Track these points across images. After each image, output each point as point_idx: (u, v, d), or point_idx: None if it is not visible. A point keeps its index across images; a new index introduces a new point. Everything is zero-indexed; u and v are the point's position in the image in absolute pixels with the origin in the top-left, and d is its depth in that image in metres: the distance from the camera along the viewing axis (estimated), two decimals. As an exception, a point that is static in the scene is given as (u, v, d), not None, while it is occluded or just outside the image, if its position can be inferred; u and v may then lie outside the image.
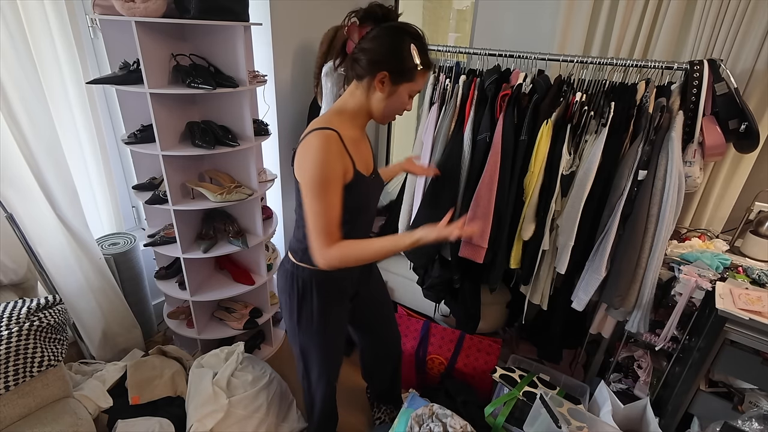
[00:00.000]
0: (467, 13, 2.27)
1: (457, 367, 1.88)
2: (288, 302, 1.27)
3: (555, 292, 1.69)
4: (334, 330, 1.32)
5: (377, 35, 1.04)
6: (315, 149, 1.01)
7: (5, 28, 1.42)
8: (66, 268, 1.74)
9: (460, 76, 1.71)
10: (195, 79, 1.49)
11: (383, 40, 1.04)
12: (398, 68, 1.04)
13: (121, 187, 2.13)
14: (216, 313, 2.06)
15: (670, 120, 1.40)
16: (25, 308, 1.27)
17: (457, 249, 1.76)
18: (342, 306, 1.32)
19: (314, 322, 1.26)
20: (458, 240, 1.73)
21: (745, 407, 1.39)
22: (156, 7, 1.36)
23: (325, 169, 1.01)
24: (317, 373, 1.38)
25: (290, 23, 2.01)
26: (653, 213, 1.40)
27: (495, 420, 1.57)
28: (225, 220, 1.88)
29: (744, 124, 1.39)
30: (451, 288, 1.95)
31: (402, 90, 1.07)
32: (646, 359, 1.69)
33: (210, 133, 1.62)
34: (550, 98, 1.55)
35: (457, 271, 1.84)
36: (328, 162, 1.01)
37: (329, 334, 1.31)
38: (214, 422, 1.49)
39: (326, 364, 1.37)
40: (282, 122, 2.15)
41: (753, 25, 1.53)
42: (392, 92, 1.07)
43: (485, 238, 1.66)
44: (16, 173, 1.54)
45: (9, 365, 1.20)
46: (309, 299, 1.23)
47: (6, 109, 1.46)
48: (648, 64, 1.46)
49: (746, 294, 1.34)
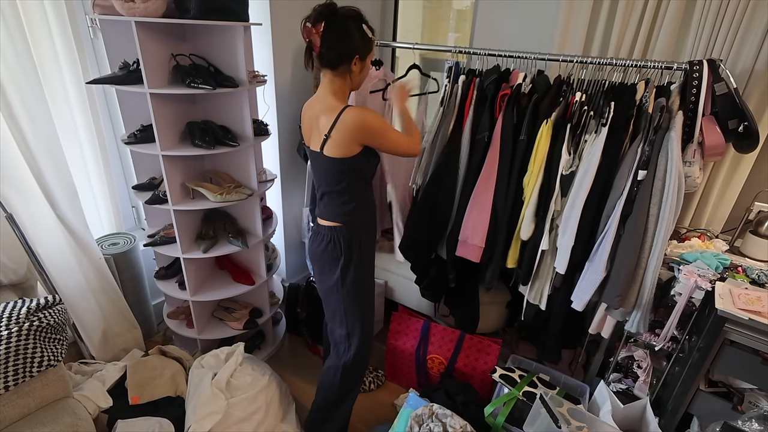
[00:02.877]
0: (467, 13, 2.27)
1: (456, 366, 1.88)
2: (334, 263, 1.44)
3: (554, 292, 1.69)
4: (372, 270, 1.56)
5: (336, 32, 1.25)
6: (366, 113, 1.30)
7: (5, 28, 1.42)
8: (66, 268, 1.74)
9: (460, 76, 1.71)
10: (195, 79, 1.49)
11: (343, 34, 1.26)
12: (363, 48, 1.30)
13: (121, 187, 2.13)
14: (216, 313, 2.06)
15: (669, 120, 1.40)
16: (25, 308, 1.27)
17: (453, 249, 1.76)
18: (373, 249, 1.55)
19: (363, 268, 1.48)
20: (455, 240, 1.74)
21: (745, 407, 1.39)
22: (156, 7, 1.36)
23: (379, 118, 1.33)
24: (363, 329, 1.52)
25: (290, 23, 2.01)
26: (653, 213, 1.40)
27: (495, 420, 1.57)
28: (225, 220, 1.88)
29: (743, 124, 1.39)
30: (448, 288, 1.95)
31: (367, 61, 1.34)
32: (645, 359, 1.69)
33: (210, 133, 1.62)
34: (550, 98, 1.56)
35: (453, 270, 1.83)
36: (371, 114, 1.31)
37: (372, 276, 1.56)
38: (212, 424, 1.49)
39: (370, 314, 1.56)
40: (282, 122, 2.15)
41: (752, 25, 1.53)
42: (363, 66, 1.34)
43: (482, 237, 1.65)
44: (16, 173, 1.54)
45: (9, 365, 1.20)
46: (356, 248, 1.44)
47: (6, 109, 1.46)
48: (647, 64, 1.47)
49: (746, 294, 1.34)
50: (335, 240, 1.42)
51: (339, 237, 1.42)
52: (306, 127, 1.43)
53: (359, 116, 1.28)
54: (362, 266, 1.47)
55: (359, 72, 1.34)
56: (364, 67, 1.35)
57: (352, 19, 1.27)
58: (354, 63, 1.30)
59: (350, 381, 1.57)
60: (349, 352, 1.53)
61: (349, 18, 1.27)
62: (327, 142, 1.31)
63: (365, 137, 1.31)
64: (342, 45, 1.27)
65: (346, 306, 1.49)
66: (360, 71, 1.34)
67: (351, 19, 1.27)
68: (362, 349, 1.54)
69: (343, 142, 1.30)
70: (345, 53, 1.28)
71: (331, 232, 1.43)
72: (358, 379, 1.62)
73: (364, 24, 1.29)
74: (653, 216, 1.41)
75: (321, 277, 1.52)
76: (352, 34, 1.27)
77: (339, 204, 1.41)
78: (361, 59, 1.31)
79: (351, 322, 1.51)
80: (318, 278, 1.54)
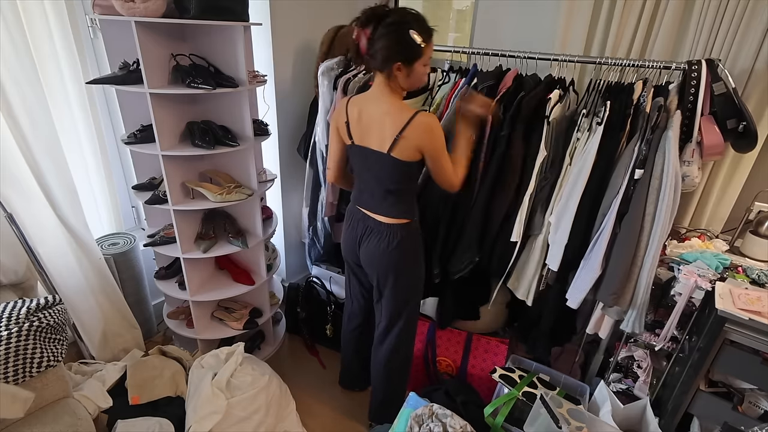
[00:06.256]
0: (467, 13, 2.27)
1: (468, 370, 1.87)
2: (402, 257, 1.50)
3: (547, 289, 1.70)
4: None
5: (381, 35, 1.24)
6: (437, 124, 1.32)
7: (5, 28, 1.42)
8: (66, 268, 1.73)
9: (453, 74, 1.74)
10: (195, 79, 1.49)
11: (387, 39, 1.24)
12: (407, 55, 1.27)
13: (120, 187, 2.13)
14: (216, 313, 2.06)
15: (667, 119, 1.40)
16: (25, 308, 1.27)
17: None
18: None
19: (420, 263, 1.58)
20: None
21: (745, 407, 1.39)
22: (156, 7, 1.36)
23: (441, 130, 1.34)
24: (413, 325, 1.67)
25: (290, 23, 2.01)
26: (649, 212, 1.40)
27: (495, 420, 1.57)
28: (225, 220, 1.88)
29: (742, 124, 1.39)
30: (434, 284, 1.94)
31: (417, 66, 1.30)
32: (645, 359, 1.69)
33: (210, 133, 1.62)
34: (536, 95, 1.56)
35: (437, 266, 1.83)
36: (439, 126, 1.34)
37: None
38: (212, 424, 1.49)
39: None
40: (282, 122, 2.15)
41: (751, 25, 1.53)
42: (409, 72, 1.30)
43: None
44: (16, 173, 1.54)
45: (9, 365, 1.20)
46: (417, 244, 1.53)
47: (6, 109, 1.46)
48: (646, 63, 1.47)
49: (746, 294, 1.34)
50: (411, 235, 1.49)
51: (414, 232, 1.51)
52: (358, 125, 1.40)
53: (431, 124, 1.30)
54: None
55: (406, 77, 1.31)
56: (412, 72, 1.30)
57: (399, 25, 1.24)
58: (397, 69, 1.28)
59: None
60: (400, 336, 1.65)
61: (397, 23, 1.24)
62: (397, 143, 1.31)
63: (428, 147, 1.32)
64: (384, 50, 1.25)
65: (409, 295, 1.60)
66: (407, 76, 1.31)
67: (399, 25, 1.24)
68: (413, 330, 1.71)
69: (415, 147, 1.32)
70: (387, 58, 1.26)
71: (398, 229, 1.47)
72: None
73: (417, 29, 1.24)
74: (649, 215, 1.41)
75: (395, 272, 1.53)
76: (399, 41, 1.25)
77: (406, 201, 1.47)
78: (407, 65, 1.28)
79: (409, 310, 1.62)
80: (384, 275, 1.54)
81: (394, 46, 1.25)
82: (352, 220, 1.56)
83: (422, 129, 1.29)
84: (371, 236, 1.50)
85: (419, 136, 1.30)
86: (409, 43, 1.25)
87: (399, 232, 1.46)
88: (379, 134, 1.34)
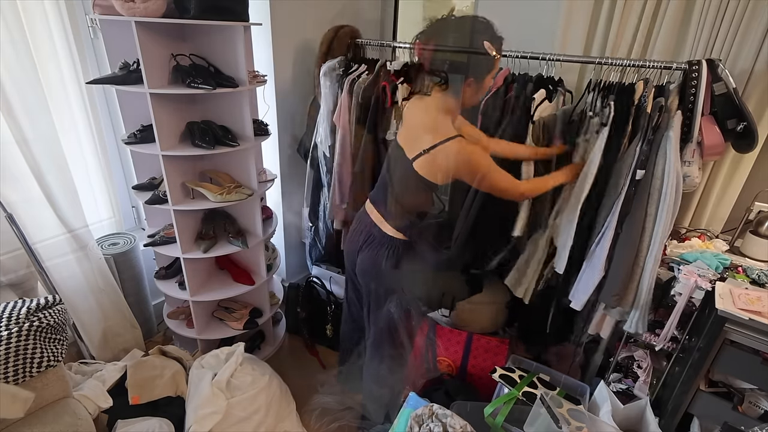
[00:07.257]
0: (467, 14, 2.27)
1: (468, 370, 1.87)
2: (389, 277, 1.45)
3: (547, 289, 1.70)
4: None
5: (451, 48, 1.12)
6: (473, 150, 1.20)
7: (5, 28, 1.42)
8: (66, 268, 1.74)
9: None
10: (195, 79, 1.49)
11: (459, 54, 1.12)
12: (480, 71, 1.15)
13: (121, 187, 2.13)
14: (216, 313, 2.06)
15: (668, 120, 1.40)
16: (25, 308, 1.27)
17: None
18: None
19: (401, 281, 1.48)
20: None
21: (745, 407, 1.39)
22: (156, 7, 1.36)
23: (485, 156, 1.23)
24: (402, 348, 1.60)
25: (290, 23, 2.01)
26: (651, 212, 1.40)
27: (495, 420, 1.57)
28: (225, 220, 1.88)
29: (742, 124, 1.39)
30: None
31: (486, 80, 1.20)
32: (646, 359, 1.69)
33: (210, 133, 1.62)
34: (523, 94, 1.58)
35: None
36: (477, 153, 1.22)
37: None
38: (212, 424, 1.49)
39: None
40: (282, 122, 2.15)
41: (752, 26, 1.53)
42: (479, 87, 1.19)
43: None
44: (16, 173, 1.54)
45: (9, 365, 1.20)
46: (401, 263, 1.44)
47: (6, 109, 1.46)
48: (646, 63, 1.47)
49: (746, 294, 1.34)
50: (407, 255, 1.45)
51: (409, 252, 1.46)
52: (406, 127, 1.35)
53: (465, 152, 1.18)
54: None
55: (473, 95, 1.19)
56: (480, 88, 1.19)
57: (477, 33, 1.11)
58: (468, 85, 1.15)
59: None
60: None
61: (475, 32, 1.11)
62: (422, 158, 1.21)
63: (462, 173, 1.22)
64: (455, 66, 1.13)
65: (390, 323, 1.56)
66: (474, 93, 1.19)
67: (476, 33, 1.11)
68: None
69: (438, 169, 1.22)
70: (458, 72, 1.14)
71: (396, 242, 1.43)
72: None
73: (489, 39, 1.11)
74: (651, 215, 1.41)
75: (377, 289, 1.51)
76: (473, 55, 1.11)
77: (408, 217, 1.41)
78: (477, 81, 1.15)
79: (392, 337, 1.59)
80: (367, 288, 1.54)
81: (466, 62, 1.13)
82: (358, 225, 1.55)
83: (455, 157, 1.19)
84: (370, 247, 1.47)
85: (450, 165, 1.20)
86: (483, 57, 1.11)
87: (397, 248, 1.42)
88: (412, 143, 1.26)
